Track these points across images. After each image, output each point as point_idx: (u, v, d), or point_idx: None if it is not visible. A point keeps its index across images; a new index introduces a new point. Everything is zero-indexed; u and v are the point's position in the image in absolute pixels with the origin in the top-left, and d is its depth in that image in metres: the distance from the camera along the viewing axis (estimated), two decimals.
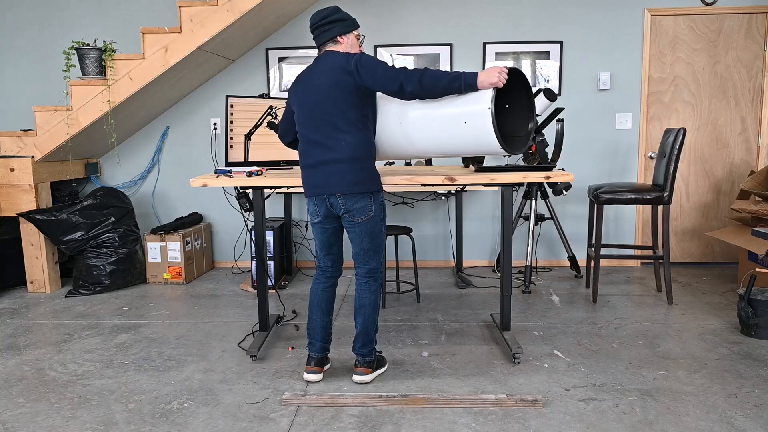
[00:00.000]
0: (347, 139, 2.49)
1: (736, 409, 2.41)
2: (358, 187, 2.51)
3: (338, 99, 2.47)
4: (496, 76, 2.34)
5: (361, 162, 2.51)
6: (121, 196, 4.53)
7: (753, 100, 4.68)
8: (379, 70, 2.42)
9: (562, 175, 2.88)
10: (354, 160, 2.50)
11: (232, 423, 2.36)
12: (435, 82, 2.37)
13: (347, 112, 2.48)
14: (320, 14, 2.59)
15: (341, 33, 2.58)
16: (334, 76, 2.47)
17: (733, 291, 4.11)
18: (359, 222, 2.56)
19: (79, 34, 4.83)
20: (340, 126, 2.49)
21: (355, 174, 2.50)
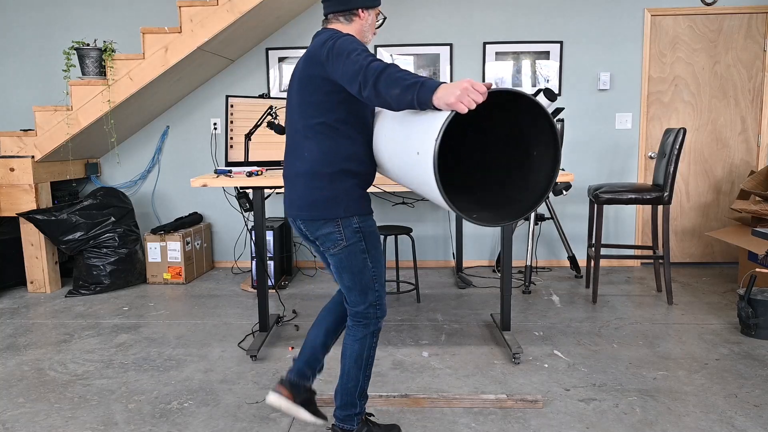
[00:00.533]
0: (309, 146, 1.95)
1: (736, 409, 2.41)
2: (312, 211, 1.96)
3: (304, 95, 1.95)
4: (455, 95, 1.54)
5: (320, 179, 1.94)
6: (121, 196, 4.53)
7: (753, 100, 4.68)
8: (343, 61, 1.80)
9: (562, 175, 2.88)
10: (312, 176, 1.95)
11: (232, 423, 2.36)
12: (388, 89, 1.68)
13: (311, 113, 1.94)
14: None
15: (363, 5, 2.00)
16: (307, 66, 1.95)
17: (733, 291, 4.11)
18: (331, 252, 2.02)
19: (79, 34, 4.83)
20: (302, 130, 1.97)
21: (311, 193, 1.95)
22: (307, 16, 4.73)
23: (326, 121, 1.93)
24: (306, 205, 1.97)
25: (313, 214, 1.96)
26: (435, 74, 4.74)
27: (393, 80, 1.67)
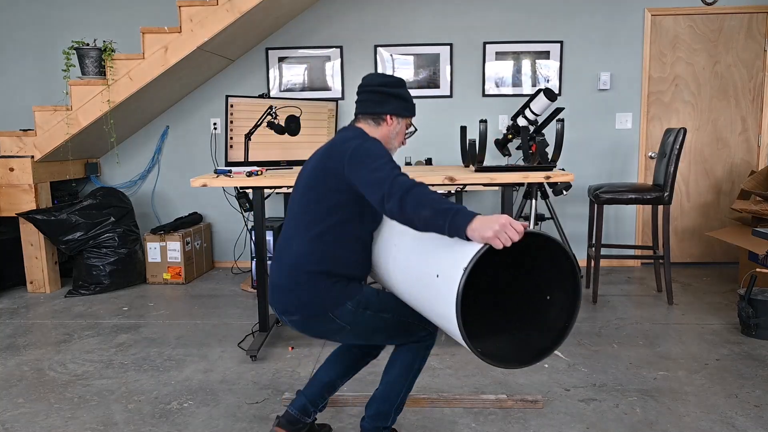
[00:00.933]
0: (301, 239, 1.88)
1: (736, 409, 2.41)
2: (302, 310, 1.88)
3: (312, 185, 1.88)
4: (493, 230, 1.49)
5: (306, 275, 1.86)
6: (121, 196, 4.53)
7: (753, 100, 4.68)
8: (368, 166, 1.74)
9: (562, 175, 2.88)
10: (299, 271, 1.87)
11: (232, 423, 2.35)
12: (417, 209, 1.60)
13: (314, 207, 1.87)
14: (379, 78, 1.99)
15: (394, 113, 1.98)
16: (325, 158, 1.87)
17: (733, 291, 4.10)
18: (340, 338, 1.96)
19: (79, 34, 4.83)
20: (301, 221, 1.90)
21: (298, 290, 1.87)
22: (307, 16, 4.73)
23: (328, 218, 1.85)
24: (295, 305, 1.88)
25: (303, 312, 1.87)
26: (435, 74, 4.74)
27: (424, 201, 1.61)
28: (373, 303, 1.90)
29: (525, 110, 3.77)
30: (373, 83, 1.98)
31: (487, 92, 4.76)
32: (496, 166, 2.97)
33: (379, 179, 1.69)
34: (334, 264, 1.87)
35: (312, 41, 4.76)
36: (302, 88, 4.82)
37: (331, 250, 1.86)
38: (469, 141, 3.23)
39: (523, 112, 3.77)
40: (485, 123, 3.13)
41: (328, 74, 4.79)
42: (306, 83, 4.81)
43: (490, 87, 4.75)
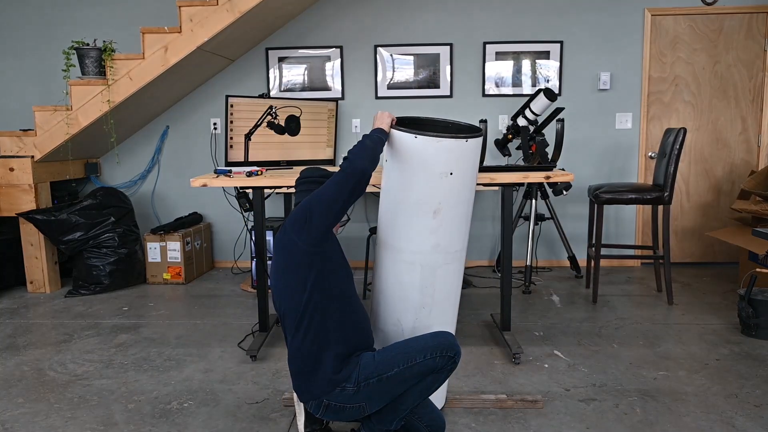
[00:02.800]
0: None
1: (736, 409, 2.41)
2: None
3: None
4: (384, 121, 2.07)
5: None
6: (121, 196, 4.53)
7: (753, 100, 4.68)
8: (322, 194, 1.94)
9: (562, 175, 2.88)
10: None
11: (232, 423, 2.35)
12: (355, 161, 1.94)
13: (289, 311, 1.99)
14: (318, 171, 2.18)
15: None
16: (282, 258, 2.00)
17: (733, 291, 4.10)
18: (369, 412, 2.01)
19: (79, 33, 4.82)
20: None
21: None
22: (307, 16, 4.73)
23: (304, 316, 2.00)
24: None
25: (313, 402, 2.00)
26: (435, 74, 4.74)
27: (355, 153, 1.96)
28: (372, 371, 1.93)
29: (525, 110, 3.76)
30: (313, 176, 2.15)
31: (487, 92, 4.76)
32: (496, 166, 2.97)
33: (329, 185, 1.94)
34: (322, 354, 1.95)
35: (312, 41, 4.76)
36: (302, 88, 4.82)
37: (315, 341, 1.96)
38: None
39: (523, 112, 3.77)
40: (485, 123, 3.13)
41: (328, 74, 4.79)
42: (306, 83, 4.81)
43: (490, 87, 4.75)
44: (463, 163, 2.04)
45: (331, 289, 1.96)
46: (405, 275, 2.16)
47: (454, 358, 1.96)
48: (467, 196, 2.14)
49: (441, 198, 2.05)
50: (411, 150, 2.01)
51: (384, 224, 2.19)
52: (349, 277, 2.06)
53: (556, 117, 3.49)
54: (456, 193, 2.08)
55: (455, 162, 2.02)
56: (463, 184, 2.09)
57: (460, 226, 2.16)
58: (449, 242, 2.15)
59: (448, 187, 2.04)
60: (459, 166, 2.02)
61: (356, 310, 2.04)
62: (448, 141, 1.96)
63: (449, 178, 2.02)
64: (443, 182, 2.03)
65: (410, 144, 2.00)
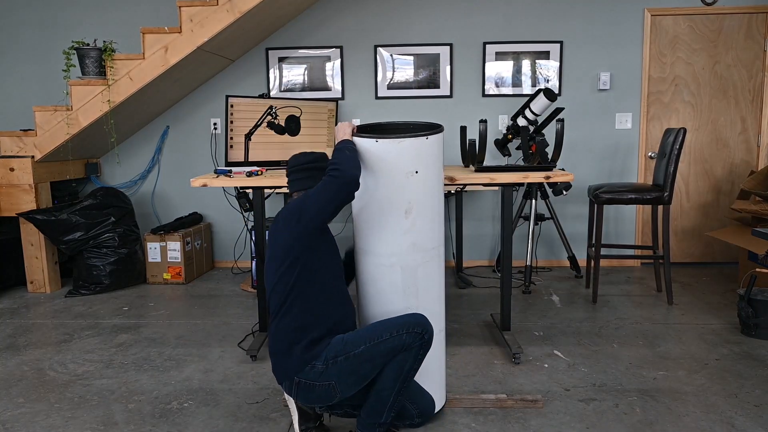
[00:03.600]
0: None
1: (736, 409, 2.41)
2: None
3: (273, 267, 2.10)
4: (344, 132, 2.19)
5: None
6: (121, 196, 4.53)
7: (753, 100, 4.68)
8: (317, 198, 2.02)
9: (562, 175, 2.88)
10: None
11: (232, 423, 2.36)
12: (348, 163, 2.05)
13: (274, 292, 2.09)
14: (304, 157, 2.19)
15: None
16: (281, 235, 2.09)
17: (733, 291, 4.11)
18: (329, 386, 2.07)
19: (79, 34, 4.83)
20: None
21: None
22: (307, 16, 4.73)
23: (288, 296, 2.11)
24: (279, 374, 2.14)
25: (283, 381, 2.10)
26: (435, 74, 4.74)
27: (337, 160, 2.08)
28: (340, 349, 2.02)
29: (525, 110, 3.76)
30: (300, 162, 2.18)
31: (487, 92, 4.76)
32: (496, 166, 2.97)
33: (324, 190, 2.01)
34: (297, 334, 2.04)
35: (312, 41, 4.76)
36: (302, 88, 4.82)
37: (292, 323, 2.05)
38: (469, 141, 3.23)
39: (523, 112, 3.77)
40: (485, 123, 3.13)
41: (328, 74, 4.79)
42: (306, 83, 4.81)
43: (490, 87, 4.75)
44: (427, 160, 2.10)
45: (315, 281, 2.05)
46: (386, 279, 2.19)
47: (423, 335, 2.02)
48: (436, 192, 2.19)
49: (410, 197, 2.10)
50: (375, 155, 2.08)
51: (359, 231, 2.24)
52: (337, 272, 2.14)
53: (556, 117, 3.49)
54: (424, 190, 2.13)
55: (419, 160, 2.07)
56: (430, 180, 2.14)
57: (433, 223, 2.21)
58: (425, 240, 2.19)
59: (415, 186, 2.09)
60: (423, 164, 2.08)
61: (341, 304, 2.12)
62: (408, 140, 2.04)
63: (416, 177, 2.08)
64: (410, 181, 2.08)
65: (373, 149, 2.07)
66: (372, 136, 2.07)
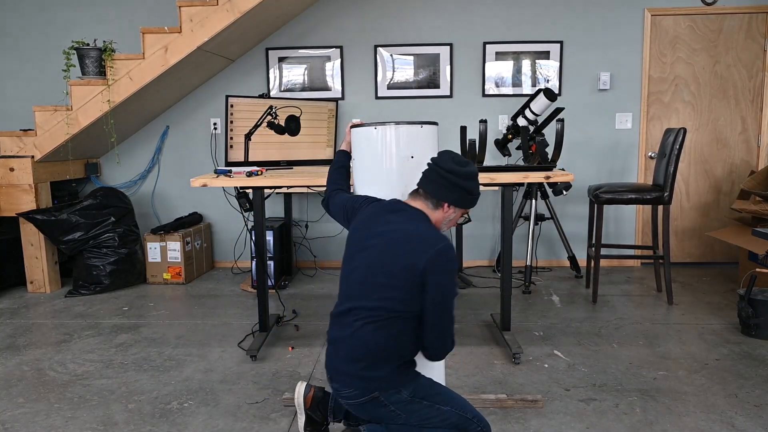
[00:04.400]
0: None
1: (736, 409, 2.41)
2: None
3: (380, 268, 1.88)
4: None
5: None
6: (121, 196, 4.53)
7: (753, 100, 4.68)
8: (442, 310, 1.90)
9: (562, 175, 2.88)
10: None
11: (232, 423, 2.36)
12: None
13: (378, 291, 1.87)
14: (451, 164, 1.94)
15: (453, 203, 1.96)
16: (404, 254, 1.85)
17: (733, 291, 4.11)
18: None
19: (79, 34, 4.83)
20: (360, 296, 1.91)
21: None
22: (307, 16, 4.73)
23: (398, 306, 1.85)
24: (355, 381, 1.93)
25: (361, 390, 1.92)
26: (435, 74, 4.74)
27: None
28: (430, 394, 1.89)
29: (525, 110, 3.76)
30: (445, 167, 1.94)
31: (487, 92, 4.76)
32: (496, 166, 2.97)
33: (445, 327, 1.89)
34: (397, 347, 1.87)
35: (312, 41, 4.76)
36: (302, 88, 4.82)
37: (394, 335, 1.85)
38: (469, 141, 3.23)
39: (523, 112, 3.77)
40: (485, 123, 3.13)
41: (328, 74, 4.79)
42: (306, 83, 4.81)
43: (490, 87, 4.75)
44: (422, 147, 2.30)
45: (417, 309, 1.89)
46: None
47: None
48: None
49: (407, 181, 2.24)
50: (374, 141, 2.29)
51: None
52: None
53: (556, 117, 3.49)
54: (420, 174, 2.23)
55: (414, 146, 2.28)
56: (425, 166, 2.28)
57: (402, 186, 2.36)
58: None
59: (411, 170, 2.27)
60: (418, 150, 2.28)
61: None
62: (404, 127, 2.27)
63: (411, 162, 2.26)
64: (406, 165, 2.26)
65: (373, 136, 2.29)
66: (371, 123, 2.30)
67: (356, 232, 2.02)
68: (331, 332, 1.95)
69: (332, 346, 1.93)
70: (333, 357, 1.92)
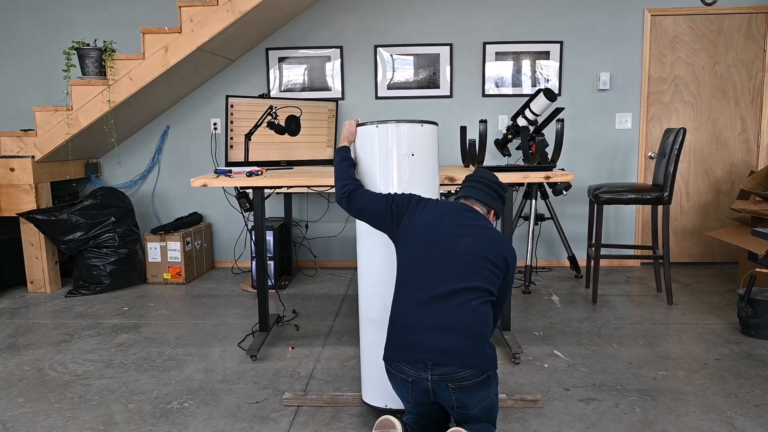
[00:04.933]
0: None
1: (736, 409, 2.41)
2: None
3: (473, 258, 2.03)
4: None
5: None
6: (121, 196, 4.53)
7: (753, 100, 4.68)
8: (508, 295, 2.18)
9: (562, 175, 2.88)
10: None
11: (232, 423, 2.36)
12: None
13: (477, 276, 2.01)
14: (495, 177, 2.28)
15: (499, 212, 2.27)
16: (500, 247, 2.06)
17: (733, 291, 4.11)
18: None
19: (79, 34, 4.83)
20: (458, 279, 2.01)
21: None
22: (307, 16, 4.74)
23: (489, 291, 2.01)
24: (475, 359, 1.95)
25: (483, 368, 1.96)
26: (435, 74, 4.74)
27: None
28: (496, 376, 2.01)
29: (525, 110, 3.76)
30: (491, 179, 2.25)
31: (487, 92, 4.76)
32: (496, 166, 2.97)
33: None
34: (488, 329, 1.99)
35: (312, 41, 4.77)
36: (302, 88, 4.82)
37: (491, 316, 2.01)
38: (469, 141, 3.23)
39: (523, 113, 3.77)
40: (485, 123, 3.13)
41: (328, 74, 4.79)
42: (306, 83, 4.81)
43: (490, 87, 4.75)
44: (422, 145, 2.35)
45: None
46: (386, 258, 2.33)
47: None
48: (431, 176, 2.40)
49: (407, 178, 2.32)
50: (376, 139, 2.34)
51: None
52: None
53: (556, 117, 3.49)
54: (419, 172, 2.36)
55: (414, 145, 2.34)
56: (425, 164, 2.38)
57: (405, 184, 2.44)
58: None
59: (411, 167, 2.34)
60: (419, 148, 2.34)
61: None
62: (405, 125, 2.32)
63: (411, 159, 2.32)
64: (407, 163, 2.32)
65: (375, 134, 2.34)
66: (373, 122, 2.35)
67: (434, 223, 2.09)
68: (427, 316, 1.93)
69: (436, 330, 1.90)
70: (443, 339, 1.89)
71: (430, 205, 2.16)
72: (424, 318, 1.93)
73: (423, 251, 2.04)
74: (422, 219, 2.11)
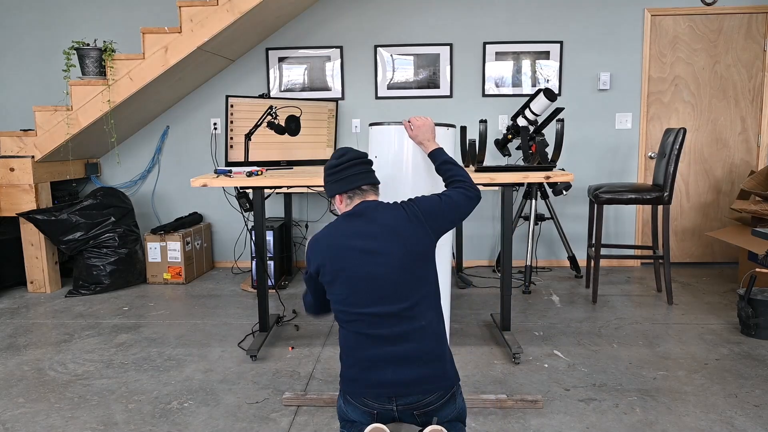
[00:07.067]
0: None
1: (736, 409, 2.41)
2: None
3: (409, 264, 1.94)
4: (429, 124, 2.38)
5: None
6: (121, 196, 4.53)
7: (753, 100, 4.68)
8: (439, 206, 2.05)
9: (562, 175, 2.88)
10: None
11: (232, 423, 2.36)
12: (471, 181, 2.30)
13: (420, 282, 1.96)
14: (357, 152, 2.08)
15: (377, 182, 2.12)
16: (403, 240, 1.93)
17: (733, 291, 4.11)
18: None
19: (79, 34, 4.83)
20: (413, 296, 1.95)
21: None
22: (307, 16, 4.74)
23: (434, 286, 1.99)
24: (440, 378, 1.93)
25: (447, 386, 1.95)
26: (435, 74, 4.74)
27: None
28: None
29: (525, 110, 3.76)
30: (361, 155, 2.06)
31: (487, 92, 4.76)
32: (496, 166, 2.97)
33: (465, 200, 2.10)
34: (444, 336, 1.99)
35: (312, 41, 4.76)
36: (302, 88, 4.82)
37: (441, 323, 1.98)
38: (469, 141, 3.23)
39: (523, 113, 3.77)
40: (485, 123, 3.13)
41: (328, 74, 4.79)
42: (306, 83, 4.81)
43: (490, 87, 4.75)
44: (447, 148, 2.53)
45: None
46: None
47: None
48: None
49: (434, 178, 2.48)
50: (406, 140, 2.46)
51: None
52: None
53: (556, 117, 3.49)
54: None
55: (442, 145, 2.46)
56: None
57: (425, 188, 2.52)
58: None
59: (429, 168, 2.48)
60: (445, 149, 2.47)
61: None
62: (440, 129, 2.50)
63: (428, 161, 2.46)
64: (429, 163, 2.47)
65: (390, 135, 2.47)
66: (389, 123, 2.48)
67: (343, 256, 1.97)
68: (381, 351, 1.87)
69: (396, 363, 1.86)
70: (403, 371, 1.86)
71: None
72: (379, 353, 1.88)
73: (349, 288, 1.91)
74: (337, 262, 1.95)
